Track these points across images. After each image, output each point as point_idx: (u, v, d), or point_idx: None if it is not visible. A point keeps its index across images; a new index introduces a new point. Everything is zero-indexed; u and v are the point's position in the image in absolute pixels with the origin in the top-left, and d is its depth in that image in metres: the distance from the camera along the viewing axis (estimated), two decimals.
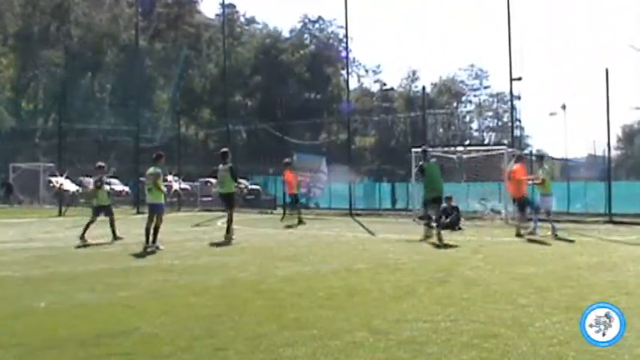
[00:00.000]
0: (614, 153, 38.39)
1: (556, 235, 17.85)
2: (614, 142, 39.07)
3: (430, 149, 21.22)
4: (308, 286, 9.82)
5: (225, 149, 18.96)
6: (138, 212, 33.31)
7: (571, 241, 16.99)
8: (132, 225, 24.39)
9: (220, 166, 18.31)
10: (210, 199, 38.51)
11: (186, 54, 62.96)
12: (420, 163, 18.66)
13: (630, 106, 44.33)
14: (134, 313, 7.97)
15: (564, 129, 39.70)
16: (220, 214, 30.55)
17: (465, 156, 28.64)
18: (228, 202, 18.52)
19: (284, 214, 29.55)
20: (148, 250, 15.09)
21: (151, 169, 16.26)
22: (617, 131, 63.04)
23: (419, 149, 20.86)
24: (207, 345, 6.34)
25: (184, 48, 62.89)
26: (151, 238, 15.52)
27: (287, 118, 41.35)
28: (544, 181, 19.07)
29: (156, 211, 15.98)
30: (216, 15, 68.65)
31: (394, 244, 16.61)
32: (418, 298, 8.77)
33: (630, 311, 7.02)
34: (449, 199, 22.40)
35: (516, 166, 19.36)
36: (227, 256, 14.02)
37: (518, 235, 18.16)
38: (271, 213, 33.56)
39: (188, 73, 63.84)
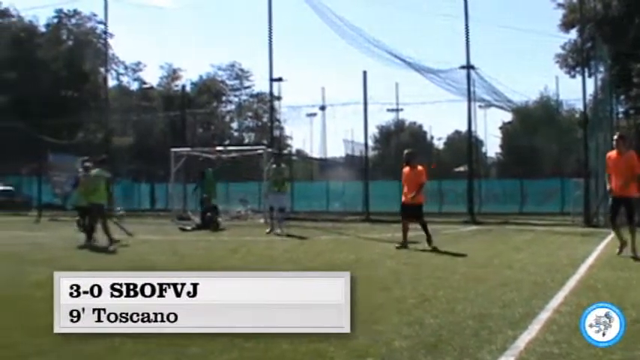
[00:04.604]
0: (371, 153, 40.52)
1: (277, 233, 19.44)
2: (371, 143, 41.26)
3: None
4: None
5: None
6: None
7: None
8: None
9: None
10: None
11: None
12: None
13: (387, 107, 46.81)
14: None
15: (323, 129, 41.64)
16: None
17: (224, 156, 29.20)
18: None
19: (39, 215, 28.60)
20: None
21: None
22: (374, 132, 65.95)
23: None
24: None
25: None
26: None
27: (43, 116, 39.70)
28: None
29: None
30: None
31: (153, 245, 16.80)
32: None
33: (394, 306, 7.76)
34: (207, 199, 23.03)
35: None
36: None
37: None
38: (26, 215, 32.22)
39: None
